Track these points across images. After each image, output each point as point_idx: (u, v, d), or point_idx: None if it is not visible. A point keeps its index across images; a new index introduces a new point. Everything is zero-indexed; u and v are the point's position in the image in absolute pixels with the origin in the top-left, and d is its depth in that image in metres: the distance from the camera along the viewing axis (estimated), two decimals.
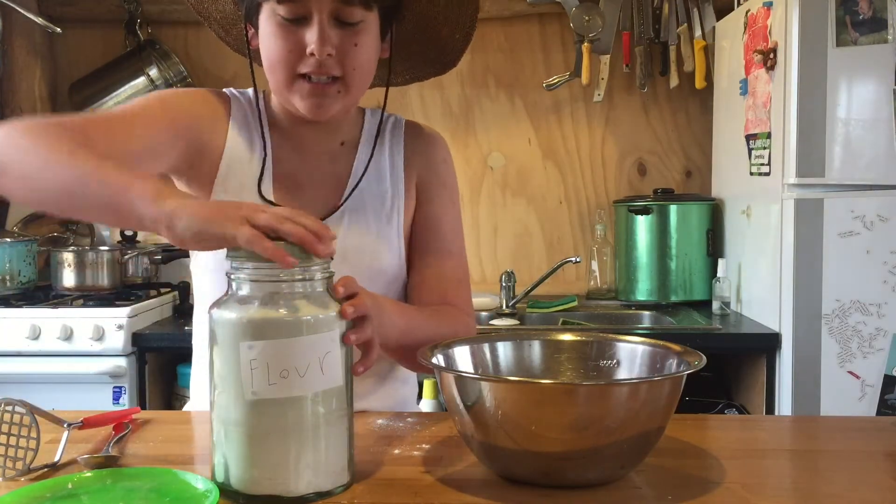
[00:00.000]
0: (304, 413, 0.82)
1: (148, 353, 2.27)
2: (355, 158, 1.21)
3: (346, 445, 0.86)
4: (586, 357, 1.04)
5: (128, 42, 2.83)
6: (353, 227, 1.17)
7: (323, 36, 1.04)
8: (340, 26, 1.06)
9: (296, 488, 0.82)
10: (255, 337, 0.80)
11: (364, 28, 1.08)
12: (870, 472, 0.95)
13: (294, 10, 1.05)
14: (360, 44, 1.07)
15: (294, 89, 1.09)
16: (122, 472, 0.88)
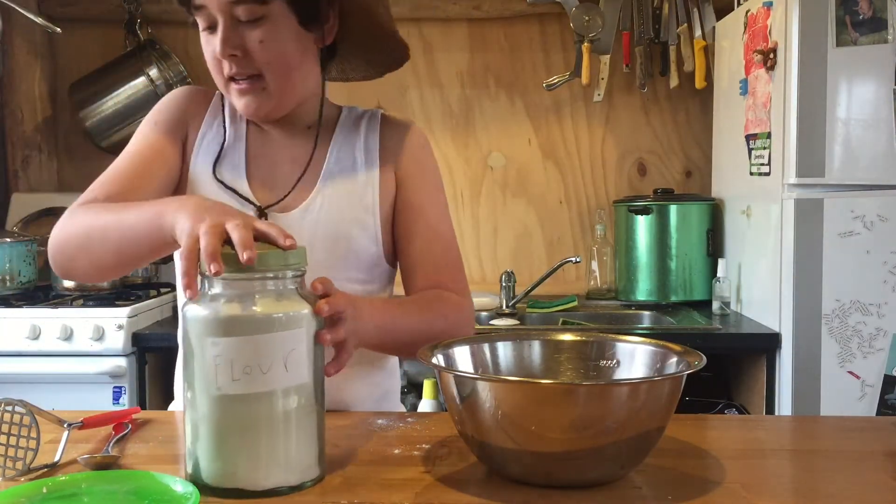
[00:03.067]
0: (268, 409, 0.83)
1: (148, 353, 2.27)
2: (329, 146, 1.23)
3: (314, 441, 0.88)
4: (586, 357, 1.04)
5: (128, 42, 2.82)
6: (327, 213, 1.18)
7: (223, 38, 1.08)
8: (243, 25, 1.09)
9: (263, 482, 0.84)
10: (221, 334, 0.82)
11: (267, 23, 1.09)
12: (870, 472, 0.95)
13: (204, 20, 1.11)
14: (265, 39, 1.09)
15: (229, 91, 1.15)
16: (100, 476, 0.88)
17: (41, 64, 2.89)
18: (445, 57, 2.90)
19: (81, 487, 0.85)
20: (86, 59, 2.86)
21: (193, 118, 1.24)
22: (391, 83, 2.87)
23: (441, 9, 2.82)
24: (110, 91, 2.74)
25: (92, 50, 2.88)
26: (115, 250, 1.05)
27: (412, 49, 1.29)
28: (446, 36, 2.89)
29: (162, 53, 2.80)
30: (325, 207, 1.19)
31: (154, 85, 2.72)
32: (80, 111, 2.76)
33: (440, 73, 2.90)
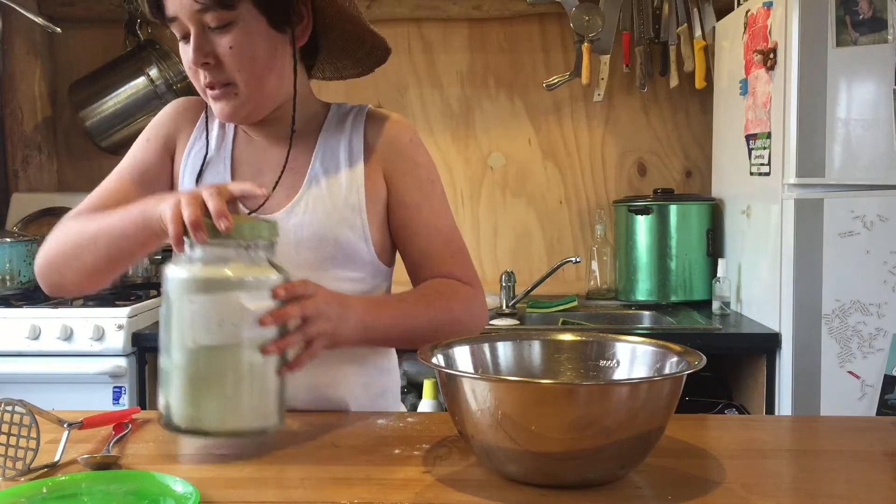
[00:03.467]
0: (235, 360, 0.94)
1: (148, 353, 2.27)
2: (314, 147, 1.23)
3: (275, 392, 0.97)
4: (586, 357, 1.04)
5: (128, 42, 2.82)
6: (312, 214, 1.18)
7: (195, 47, 1.10)
8: (213, 33, 1.10)
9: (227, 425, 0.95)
10: (197, 292, 0.93)
11: (236, 28, 1.09)
12: (870, 472, 0.95)
13: (178, 30, 1.12)
14: (235, 45, 1.09)
15: (209, 98, 1.16)
16: (100, 476, 0.88)
17: (41, 64, 2.89)
18: (445, 57, 2.90)
19: (81, 487, 0.85)
20: (86, 59, 2.86)
21: (182, 132, 1.27)
22: (391, 83, 2.87)
23: (441, 9, 2.82)
24: (110, 91, 2.74)
25: (92, 50, 2.88)
26: (106, 254, 1.10)
27: (412, 49, 1.29)
28: (446, 36, 2.89)
29: (162, 53, 2.80)
30: (310, 208, 1.18)
31: (154, 85, 2.72)
32: (80, 111, 2.76)
33: (440, 73, 2.90)
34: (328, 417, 1.16)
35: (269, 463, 0.96)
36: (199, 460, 0.98)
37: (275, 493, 0.86)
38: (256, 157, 1.23)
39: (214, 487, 0.86)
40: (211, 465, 0.95)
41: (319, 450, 1.01)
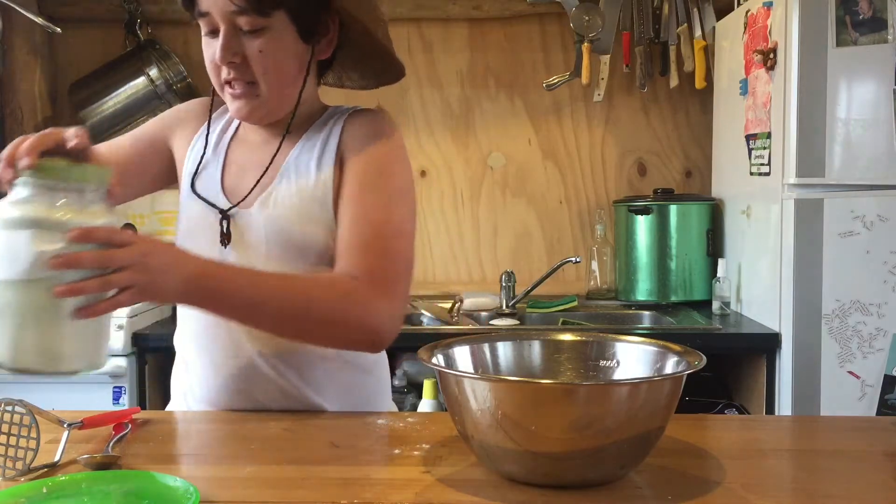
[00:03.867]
0: (22, 298, 0.92)
1: (148, 354, 2.27)
2: (293, 147, 1.23)
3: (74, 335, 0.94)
4: (586, 357, 1.04)
5: (128, 42, 2.82)
6: (281, 209, 1.19)
7: (224, 45, 1.12)
8: (244, 35, 1.12)
9: (18, 363, 0.92)
10: (12, 227, 0.92)
11: (268, 34, 1.12)
12: (870, 472, 0.95)
13: (207, 25, 1.14)
14: (264, 50, 1.12)
15: (225, 94, 1.19)
16: (100, 476, 0.88)
17: (41, 64, 2.89)
18: (445, 57, 2.90)
19: (81, 487, 0.85)
20: (86, 59, 2.86)
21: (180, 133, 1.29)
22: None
23: (441, 9, 2.82)
24: (110, 91, 2.74)
25: (92, 50, 2.88)
26: None
27: (412, 49, 1.30)
28: (446, 36, 2.89)
29: (162, 53, 2.80)
30: (280, 203, 1.19)
31: (154, 85, 2.72)
32: (80, 111, 2.76)
33: (440, 73, 2.90)
34: (328, 417, 1.16)
35: (269, 463, 0.96)
36: (199, 460, 0.98)
37: (275, 493, 0.87)
38: (245, 156, 1.26)
39: (214, 487, 0.86)
40: (211, 465, 0.95)
41: (319, 450, 1.01)
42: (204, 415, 1.20)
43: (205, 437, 1.07)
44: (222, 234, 1.19)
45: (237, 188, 1.22)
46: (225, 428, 1.12)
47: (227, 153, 1.26)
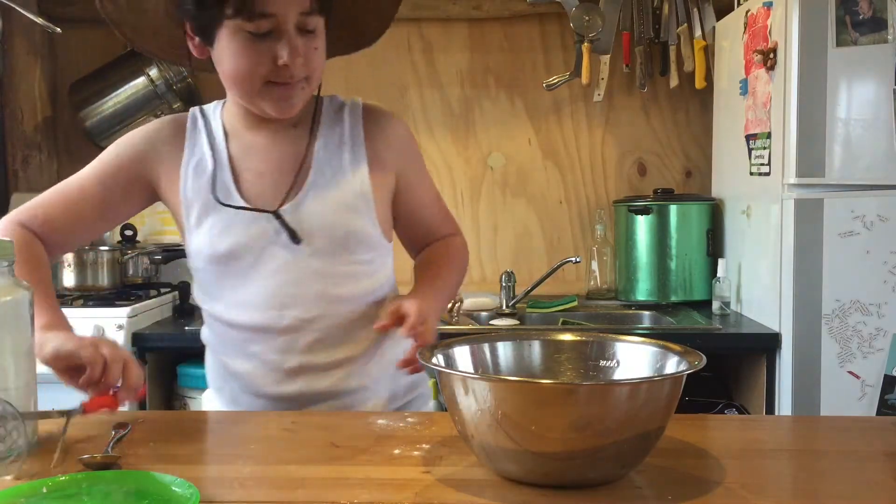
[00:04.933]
0: None
1: (148, 354, 2.27)
2: (315, 140, 1.26)
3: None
4: (586, 357, 1.04)
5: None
6: (320, 203, 1.22)
7: (293, 49, 1.14)
8: (302, 35, 1.15)
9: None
10: None
11: (319, 32, 1.17)
12: (870, 472, 0.95)
13: (262, 26, 1.12)
14: (318, 46, 1.18)
15: (263, 95, 1.18)
16: (100, 476, 0.88)
17: (41, 64, 2.89)
18: (445, 57, 2.90)
19: (81, 487, 0.85)
20: (86, 59, 2.86)
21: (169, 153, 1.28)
22: (391, 83, 2.87)
23: (441, 9, 2.82)
24: (110, 91, 2.74)
25: (92, 50, 2.88)
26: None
27: (412, 49, 1.31)
28: (446, 36, 2.89)
29: None
30: (320, 198, 1.22)
31: (154, 85, 2.72)
32: (80, 111, 2.76)
33: (440, 73, 2.90)
34: (328, 417, 1.16)
35: (269, 463, 0.96)
36: (199, 460, 0.98)
37: (275, 493, 0.87)
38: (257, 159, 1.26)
39: (214, 487, 0.86)
40: (211, 465, 0.95)
41: (319, 450, 1.01)
42: (204, 415, 1.20)
43: (205, 437, 1.07)
44: (291, 235, 1.20)
45: (260, 190, 1.23)
46: (225, 428, 1.12)
47: (231, 160, 1.25)
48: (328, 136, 1.26)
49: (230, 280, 1.23)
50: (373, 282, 1.27)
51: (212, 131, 1.28)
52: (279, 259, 1.21)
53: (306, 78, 1.18)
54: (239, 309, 1.23)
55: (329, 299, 1.23)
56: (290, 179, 1.23)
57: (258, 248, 1.21)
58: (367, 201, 1.24)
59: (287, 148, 1.25)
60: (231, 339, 1.26)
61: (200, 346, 1.36)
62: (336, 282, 1.23)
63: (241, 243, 1.21)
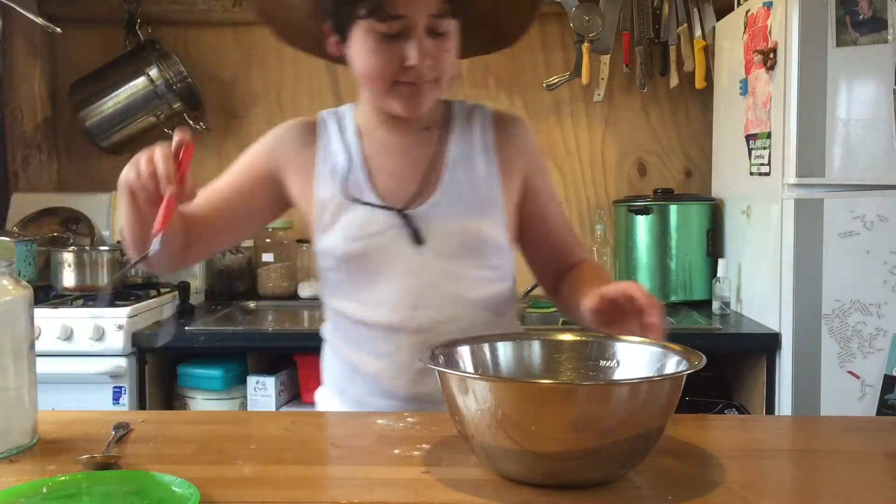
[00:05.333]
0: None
1: (148, 353, 2.27)
2: (447, 144, 1.28)
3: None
4: (586, 357, 1.04)
5: (128, 42, 2.82)
6: (452, 206, 1.24)
7: (422, 50, 1.14)
8: (434, 37, 1.15)
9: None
10: None
11: (451, 34, 1.18)
12: (870, 472, 0.95)
13: (393, 27, 1.13)
14: (449, 49, 1.18)
15: (392, 95, 1.19)
16: (100, 476, 0.88)
17: (41, 64, 2.89)
18: None
19: (81, 487, 0.85)
20: (86, 59, 2.86)
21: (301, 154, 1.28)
22: None
23: None
24: (110, 91, 2.74)
25: (92, 50, 2.88)
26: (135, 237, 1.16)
27: None
28: None
29: (162, 53, 2.80)
30: (453, 201, 1.24)
31: (154, 85, 2.72)
32: (80, 111, 2.76)
33: None
34: (328, 417, 1.16)
35: (269, 463, 0.96)
36: (199, 460, 0.98)
37: (275, 493, 0.87)
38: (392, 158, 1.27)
39: (214, 487, 0.86)
40: (211, 465, 0.95)
41: (319, 450, 1.01)
42: (204, 415, 1.20)
43: (205, 437, 1.07)
44: (415, 235, 1.21)
45: (394, 189, 1.25)
46: (225, 428, 1.12)
47: (364, 159, 1.27)
48: (460, 139, 1.28)
49: (363, 278, 1.23)
50: (501, 287, 1.29)
51: (345, 131, 1.29)
52: (411, 259, 1.22)
53: (435, 79, 1.18)
54: (371, 307, 1.24)
55: (462, 302, 1.23)
56: (425, 180, 1.25)
57: (391, 247, 1.22)
58: (497, 207, 1.26)
59: (420, 149, 1.27)
60: (362, 337, 1.26)
61: (200, 347, 1.36)
62: (468, 285, 1.24)
63: (375, 242, 1.22)
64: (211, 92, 2.93)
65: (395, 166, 1.26)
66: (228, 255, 2.82)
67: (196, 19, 2.89)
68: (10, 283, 1.00)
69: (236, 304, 2.70)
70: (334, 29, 1.21)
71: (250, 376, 2.34)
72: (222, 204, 1.27)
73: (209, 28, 2.91)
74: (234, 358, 2.39)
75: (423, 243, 1.22)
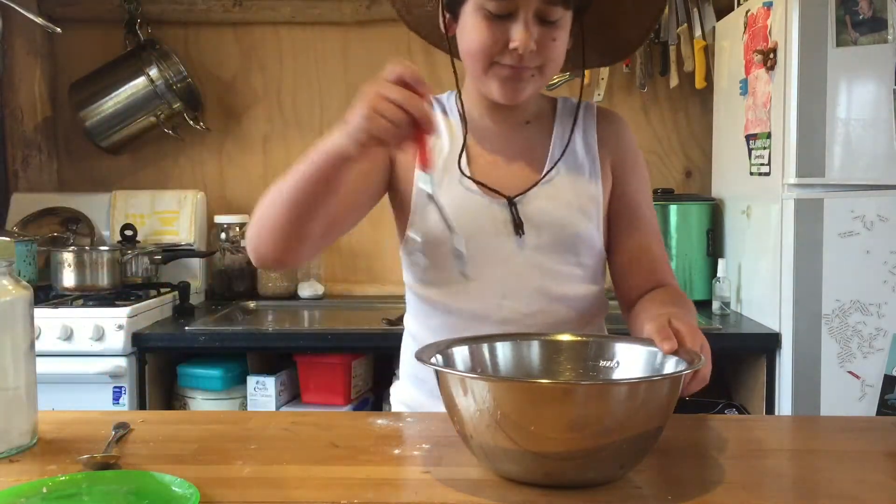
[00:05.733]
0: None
1: (148, 354, 2.27)
2: (551, 137, 1.27)
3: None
4: (586, 357, 1.04)
5: (128, 42, 2.82)
6: (554, 198, 1.22)
7: (527, 33, 1.11)
8: (542, 23, 1.13)
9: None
10: None
11: (561, 24, 1.14)
12: (870, 472, 0.95)
13: (502, 7, 1.11)
14: (557, 38, 1.15)
15: (491, 75, 1.16)
16: (100, 476, 0.88)
17: (41, 64, 2.89)
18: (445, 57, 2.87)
19: (81, 487, 0.85)
20: (86, 59, 2.86)
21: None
22: None
23: None
24: (110, 91, 2.74)
25: (92, 50, 2.88)
26: (305, 203, 1.07)
27: (412, 49, 1.30)
28: None
29: (162, 53, 2.80)
30: (553, 195, 1.22)
31: (154, 85, 2.72)
32: (80, 111, 2.76)
33: (440, 73, 2.89)
34: (328, 417, 1.16)
35: (269, 463, 0.96)
36: (199, 460, 0.98)
37: (275, 493, 0.86)
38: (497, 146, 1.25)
39: (214, 487, 0.86)
40: (211, 465, 0.95)
41: (319, 450, 1.01)
42: (204, 415, 1.20)
43: (205, 437, 1.07)
44: (515, 224, 1.20)
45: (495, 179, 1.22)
46: (225, 428, 1.12)
47: (466, 146, 1.25)
48: (564, 134, 1.26)
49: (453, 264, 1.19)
50: (590, 288, 1.28)
51: (449, 114, 1.28)
52: (504, 249, 1.21)
53: (539, 67, 1.16)
54: (458, 295, 1.22)
55: (550, 297, 1.22)
56: (526, 172, 1.24)
57: (486, 235, 1.20)
58: (597, 205, 1.25)
59: (524, 142, 1.26)
60: (446, 325, 1.23)
61: (200, 347, 1.36)
62: (558, 280, 1.23)
63: (475, 227, 1.20)
64: (211, 92, 2.93)
65: (497, 156, 1.25)
66: (228, 255, 2.82)
67: (196, 19, 2.89)
68: (10, 283, 1.00)
69: (236, 304, 2.70)
70: (446, 6, 1.20)
71: (250, 376, 2.34)
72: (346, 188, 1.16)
73: (209, 28, 2.91)
74: (234, 358, 2.39)
75: (523, 234, 1.20)
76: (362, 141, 0.96)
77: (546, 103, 1.31)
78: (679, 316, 1.05)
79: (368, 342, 2.29)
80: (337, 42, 2.90)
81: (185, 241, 2.75)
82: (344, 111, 0.98)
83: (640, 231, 1.31)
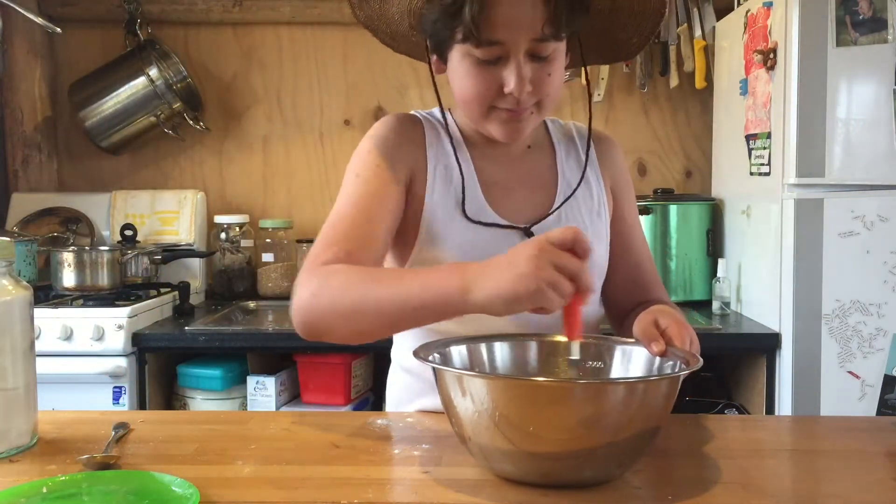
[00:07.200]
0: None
1: (148, 354, 2.27)
2: (555, 161, 1.25)
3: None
4: (585, 357, 1.03)
5: (128, 42, 2.82)
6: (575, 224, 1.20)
7: (521, 76, 1.07)
8: (534, 60, 1.08)
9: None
10: None
11: (555, 56, 1.10)
12: (870, 472, 0.95)
13: (491, 53, 1.07)
14: (552, 72, 1.11)
15: (490, 119, 1.14)
16: (100, 476, 0.88)
17: (41, 64, 2.89)
18: None
19: (81, 487, 0.85)
20: (86, 59, 2.86)
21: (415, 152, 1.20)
22: (391, 83, 2.87)
23: None
24: (110, 91, 2.74)
25: (92, 50, 2.88)
26: (391, 323, 1.04)
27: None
28: None
29: (162, 53, 2.80)
30: (568, 221, 1.21)
31: (154, 85, 2.72)
32: (80, 111, 2.76)
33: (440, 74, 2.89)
34: (328, 417, 1.16)
35: (269, 463, 0.96)
36: (199, 460, 0.98)
37: (275, 493, 0.87)
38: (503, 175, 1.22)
39: (214, 487, 0.86)
40: (211, 465, 0.95)
41: (319, 450, 1.01)
42: (204, 415, 1.20)
43: (205, 437, 1.07)
44: None
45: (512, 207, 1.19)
46: (225, 428, 1.12)
47: (476, 170, 1.20)
48: (568, 157, 1.26)
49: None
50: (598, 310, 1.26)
51: (451, 136, 1.23)
52: None
53: (537, 104, 1.12)
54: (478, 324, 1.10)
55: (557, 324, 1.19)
56: (538, 198, 1.21)
57: None
58: (606, 228, 1.25)
59: (530, 165, 1.24)
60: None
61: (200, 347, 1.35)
62: None
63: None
64: (211, 92, 2.93)
65: (507, 181, 1.22)
66: (228, 255, 2.82)
67: (196, 19, 2.90)
68: (9, 283, 1.00)
69: (236, 304, 2.70)
70: (432, 49, 1.17)
71: (250, 376, 2.34)
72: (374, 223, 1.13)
73: (209, 28, 2.92)
74: (234, 358, 2.39)
75: None
76: (518, 310, 0.89)
77: (539, 126, 1.27)
78: (664, 312, 1.04)
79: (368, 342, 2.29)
80: (337, 42, 2.90)
81: (184, 241, 2.75)
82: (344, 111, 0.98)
83: (634, 251, 1.29)
